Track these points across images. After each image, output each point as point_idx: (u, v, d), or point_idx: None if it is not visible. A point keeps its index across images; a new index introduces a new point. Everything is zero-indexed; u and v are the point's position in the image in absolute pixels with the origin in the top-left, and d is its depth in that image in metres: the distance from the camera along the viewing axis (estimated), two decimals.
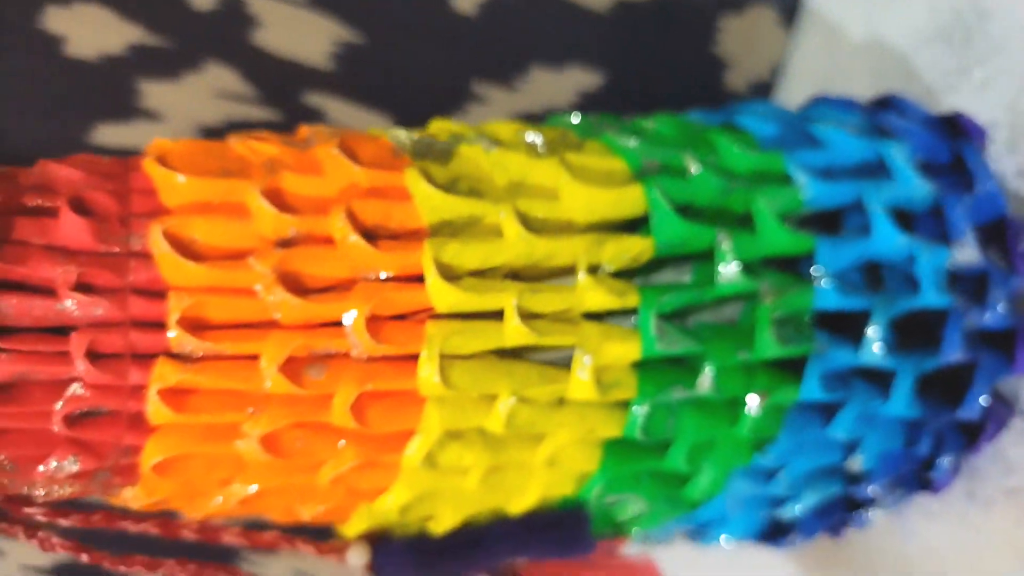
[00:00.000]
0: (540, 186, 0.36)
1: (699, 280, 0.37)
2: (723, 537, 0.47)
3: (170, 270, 0.32)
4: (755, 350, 0.37)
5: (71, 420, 0.32)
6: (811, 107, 0.46)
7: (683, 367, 0.37)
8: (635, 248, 0.36)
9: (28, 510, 0.34)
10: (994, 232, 0.44)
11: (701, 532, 0.46)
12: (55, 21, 0.50)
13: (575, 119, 0.41)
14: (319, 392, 0.33)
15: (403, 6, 0.54)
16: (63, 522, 0.35)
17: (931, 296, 0.41)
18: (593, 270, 0.36)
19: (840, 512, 0.46)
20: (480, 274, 0.34)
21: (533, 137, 0.37)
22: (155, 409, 0.32)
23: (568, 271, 0.35)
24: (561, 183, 0.35)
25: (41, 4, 0.50)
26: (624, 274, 0.37)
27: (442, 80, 0.55)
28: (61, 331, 0.32)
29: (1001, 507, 0.47)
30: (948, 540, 0.49)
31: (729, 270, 0.37)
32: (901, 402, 0.41)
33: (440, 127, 0.38)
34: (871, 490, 0.44)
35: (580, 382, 0.35)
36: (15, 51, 0.50)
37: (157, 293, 0.32)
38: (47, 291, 0.31)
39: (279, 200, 0.33)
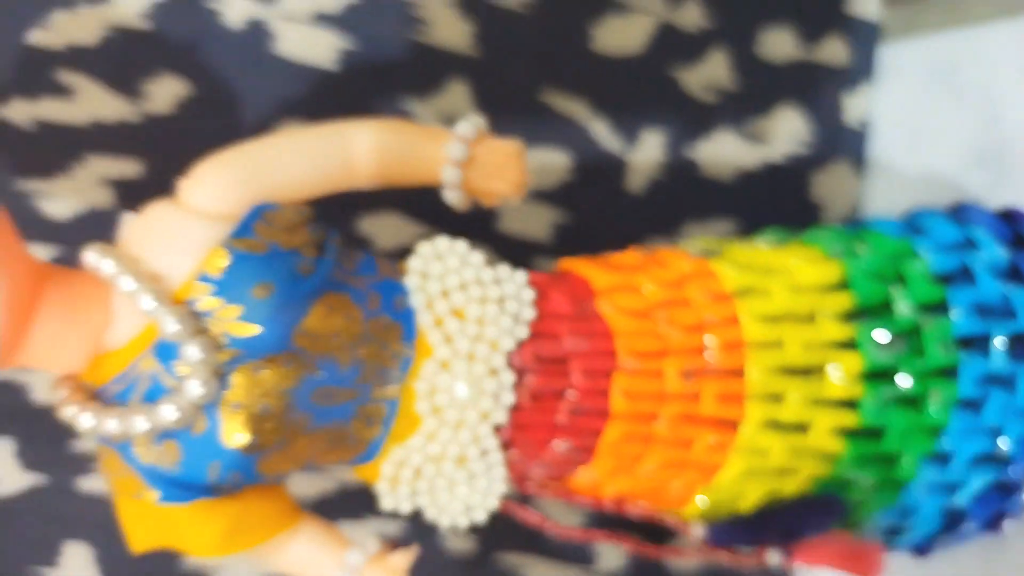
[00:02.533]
0: (781, 266, 0.56)
1: (883, 318, 0.57)
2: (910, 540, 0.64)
3: (615, 322, 0.53)
4: (927, 360, 0.57)
5: (569, 414, 0.50)
6: (911, 216, 0.67)
7: (888, 376, 0.56)
8: (845, 301, 0.56)
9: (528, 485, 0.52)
10: None
11: (897, 527, 0.63)
12: None
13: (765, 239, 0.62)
14: (693, 391, 0.53)
15: (596, 193, 0.75)
16: (549, 495, 0.53)
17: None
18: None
19: (997, 498, 0.63)
20: (767, 318, 0.54)
21: (762, 241, 0.58)
22: (617, 402, 0.52)
23: (808, 317, 0.55)
24: (792, 263, 0.56)
25: None
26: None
27: (626, 239, 0.76)
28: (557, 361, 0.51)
29: None
30: None
31: (903, 308, 0.57)
32: None
33: (701, 240, 0.59)
34: (1018, 471, 0.62)
35: (833, 385, 0.54)
36: None
37: (607, 335, 0.52)
38: (554, 337, 0.51)
39: (654, 282, 0.53)
